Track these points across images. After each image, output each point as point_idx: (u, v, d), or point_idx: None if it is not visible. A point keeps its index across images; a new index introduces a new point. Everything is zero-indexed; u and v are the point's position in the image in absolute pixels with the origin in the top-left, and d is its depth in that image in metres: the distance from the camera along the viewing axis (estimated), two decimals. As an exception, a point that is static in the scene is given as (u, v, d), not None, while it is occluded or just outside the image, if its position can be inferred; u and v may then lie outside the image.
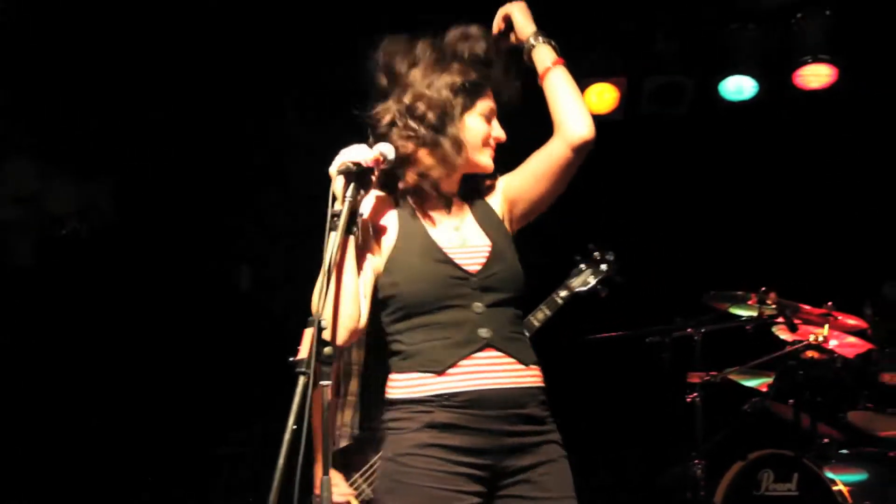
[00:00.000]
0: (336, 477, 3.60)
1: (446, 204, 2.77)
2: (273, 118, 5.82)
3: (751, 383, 5.07)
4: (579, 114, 2.72)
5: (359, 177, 2.53)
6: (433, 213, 2.75)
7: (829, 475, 4.26)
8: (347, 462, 3.68)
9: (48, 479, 5.35)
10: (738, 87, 6.20)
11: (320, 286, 2.44)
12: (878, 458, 4.49)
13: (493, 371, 2.60)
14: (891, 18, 5.64)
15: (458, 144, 2.68)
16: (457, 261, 2.67)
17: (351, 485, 3.61)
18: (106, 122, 5.52)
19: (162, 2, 5.10)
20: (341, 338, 2.56)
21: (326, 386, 2.46)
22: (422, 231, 2.72)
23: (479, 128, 2.74)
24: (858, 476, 4.36)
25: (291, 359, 2.41)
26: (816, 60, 5.93)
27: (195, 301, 5.79)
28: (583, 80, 6.36)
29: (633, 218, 5.94)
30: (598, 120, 6.35)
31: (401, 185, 2.76)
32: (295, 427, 2.30)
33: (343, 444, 3.75)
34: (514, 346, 2.65)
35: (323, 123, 5.76)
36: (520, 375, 2.63)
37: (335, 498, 3.60)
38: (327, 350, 2.44)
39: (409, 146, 2.68)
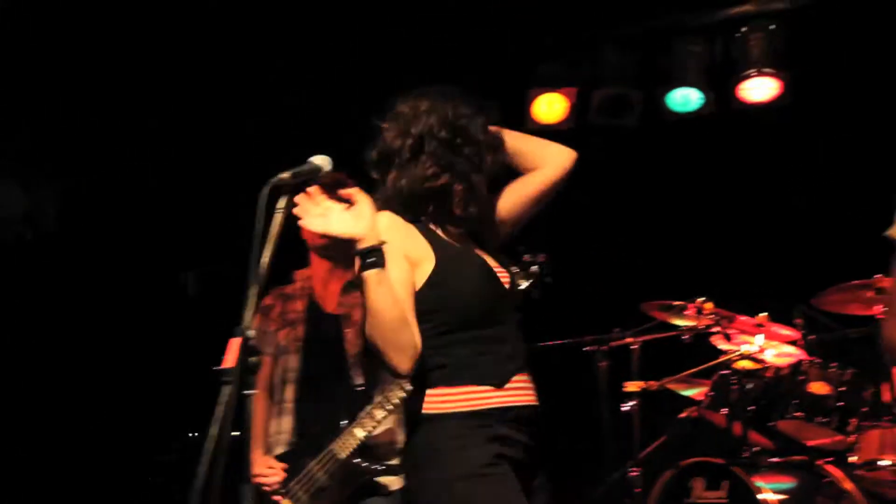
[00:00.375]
0: (272, 461, 3.69)
1: (460, 227, 2.86)
2: (225, 118, 5.83)
3: (687, 392, 5.14)
4: (552, 144, 3.01)
5: (294, 189, 2.58)
6: (454, 235, 2.83)
7: (758, 483, 4.32)
8: (289, 466, 3.70)
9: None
10: (685, 99, 6.30)
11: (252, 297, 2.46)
12: (805, 466, 4.56)
13: (530, 388, 2.74)
14: (834, 32, 5.73)
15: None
16: (500, 278, 2.79)
17: (288, 492, 3.64)
18: (52, 125, 5.51)
19: (101, 8, 5.12)
20: (408, 366, 2.58)
21: (251, 395, 2.49)
22: (461, 249, 2.80)
23: None
24: (786, 484, 4.43)
25: (217, 368, 2.45)
26: (761, 73, 6.03)
27: (141, 306, 5.79)
28: (533, 91, 6.45)
29: (576, 226, 5.99)
30: (548, 130, 6.45)
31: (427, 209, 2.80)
32: (238, 434, 2.34)
33: (279, 450, 3.78)
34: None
35: (272, 123, 5.83)
36: (536, 395, 2.76)
37: (270, 481, 3.65)
38: (253, 359, 2.48)
39: (444, 177, 2.75)
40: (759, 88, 6.09)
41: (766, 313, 4.70)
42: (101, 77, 5.44)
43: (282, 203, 2.49)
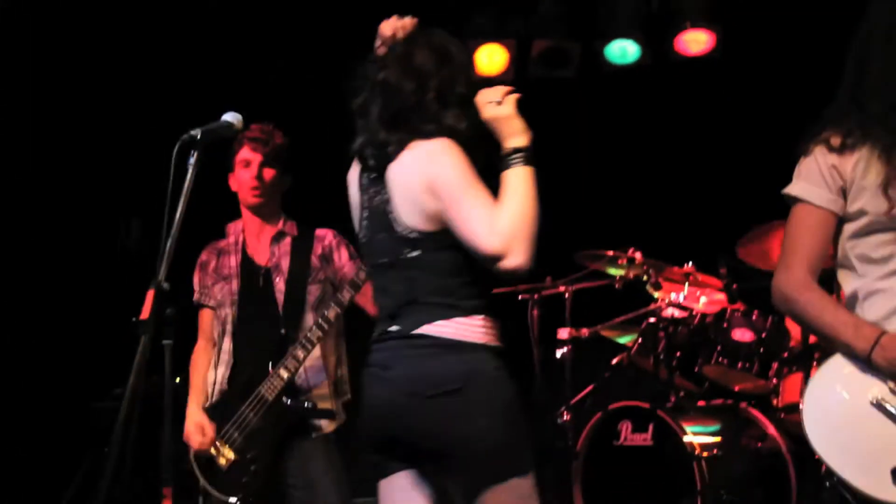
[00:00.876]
0: (207, 427, 3.75)
1: None
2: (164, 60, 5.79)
3: (619, 339, 5.29)
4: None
5: (206, 146, 2.63)
6: None
7: (683, 426, 4.47)
8: (219, 414, 3.79)
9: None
10: (623, 50, 6.38)
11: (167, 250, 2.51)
12: (729, 409, 4.73)
13: None
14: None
15: None
16: None
17: (223, 435, 3.73)
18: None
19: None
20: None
21: (168, 344, 2.57)
22: None
23: None
24: (710, 427, 4.59)
25: (135, 319, 2.51)
26: (695, 26, 6.13)
27: (80, 254, 5.79)
28: (472, 41, 6.50)
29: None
30: (489, 81, 6.48)
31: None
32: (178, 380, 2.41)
33: (216, 398, 3.87)
34: None
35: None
36: None
37: (198, 445, 3.73)
38: (169, 311, 2.55)
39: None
40: (694, 41, 6.20)
41: (692, 263, 4.84)
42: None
43: (193, 158, 2.55)
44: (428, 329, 2.62)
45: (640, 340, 4.99)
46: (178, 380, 4.01)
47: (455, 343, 2.60)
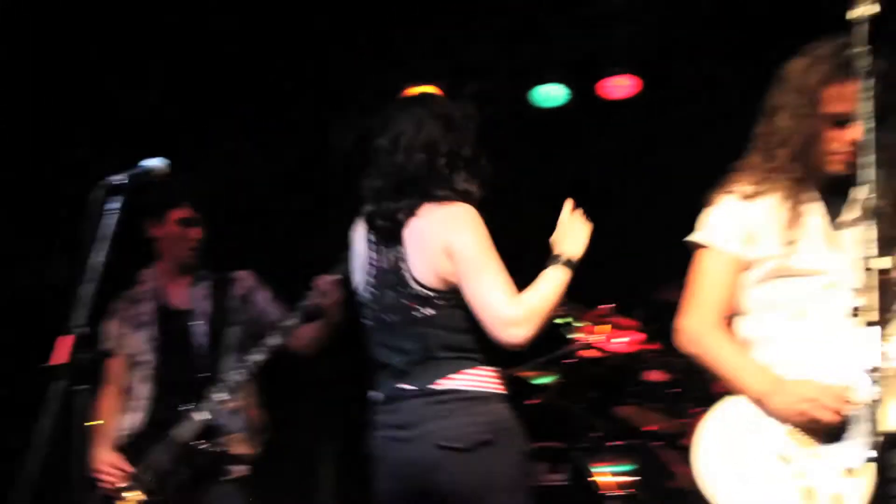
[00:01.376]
0: (120, 464, 3.76)
1: None
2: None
3: (537, 381, 5.35)
4: None
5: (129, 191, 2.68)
6: None
7: (597, 467, 4.56)
8: (131, 455, 3.80)
9: None
10: (549, 94, 6.53)
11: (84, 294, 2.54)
12: (641, 449, 4.83)
13: None
14: (689, 34, 5.99)
15: None
16: None
17: (134, 476, 3.73)
18: None
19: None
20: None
21: (83, 390, 2.60)
22: None
23: None
24: (623, 467, 4.69)
25: (44, 365, 2.53)
26: (621, 72, 6.29)
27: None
28: (403, 85, 6.59)
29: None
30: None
31: None
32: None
33: (124, 442, 3.87)
34: None
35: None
36: None
37: (110, 479, 3.74)
38: (85, 356, 2.58)
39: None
40: (620, 86, 6.36)
41: (611, 304, 4.95)
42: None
43: (115, 204, 2.59)
44: (450, 383, 2.74)
45: (556, 381, 5.08)
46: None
47: (480, 395, 2.75)
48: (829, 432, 2.48)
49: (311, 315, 3.75)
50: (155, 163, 2.75)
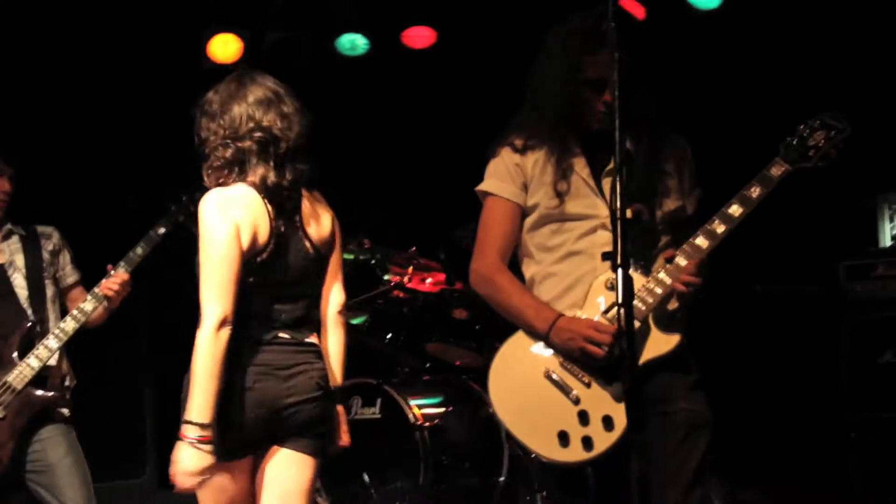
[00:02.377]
0: None
1: None
2: None
3: (353, 321, 5.60)
4: None
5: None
6: None
7: (408, 400, 4.85)
8: None
9: None
10: (353, 42, 6.69)
11: None
12: (451, 382, 5.15)
13: None
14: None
15: None
16: None
17: None
18: None
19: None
20: None
21: None
22: None
23: None
24: (432, 399, 4.99)
25: None
26: (419, 24, 6.52)
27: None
28: (207, 31, 6.61)
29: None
30: (223, 69, 6.55)
31: None
32: None
33: None
34: None
35: None
36: None
37: None
38: None
39: None
40: (419, 36, 6.59)
41: (414, 247, 5.22)
42: None
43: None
44: None
45: (370, 321, 5.33)
46: None
47: None
48: (599, 364, 2.78)
49: (100, 301, 3.96)
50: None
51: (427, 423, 4.82)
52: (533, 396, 2.83)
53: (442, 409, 4.97)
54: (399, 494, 4.78)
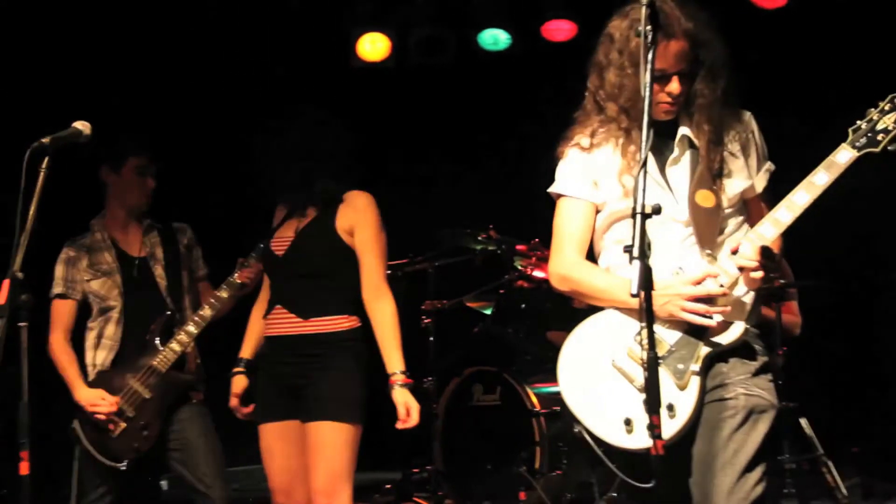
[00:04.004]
0: (103, 392, 4.13)
1: None
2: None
3: (485, 310, 5.75)
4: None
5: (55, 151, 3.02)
6: None
7: (526, 388, 4.97)
8: (106, 389, 4.15)
9: None
10: (494, 38, 6.83)
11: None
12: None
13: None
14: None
15: None
16: None
17: (120, 406, 4.10)
18: None
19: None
20: None
21: (24, 326, 2.98)
22: None
23: None
24: (550, 388, 5.09)
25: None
26: (558, 17, 6.60)
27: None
28: (356, 30, 6.91)
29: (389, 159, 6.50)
30: (373, 68, 6.77)
31: None
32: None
33: (93, 378, 4.25)
34: None
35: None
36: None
37: (104, 409, 4.09)
38: (24, 297, 2.96)
39: None
40: (560, 29, 6.67)
41: (537, 239, 5.32)
42: None
43: (44, 164, 2.95)
44: None
45: (495, 310, 5.47)
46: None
47: None
48: (690, 329, 2.76)
49: (235, 289, 4.13)
50: (78, 125, 3.09)
51: (544, 410, 4.92)
52: (600, 383, 2.87)
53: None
54: (517, 479, 4.90)
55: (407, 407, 3.61)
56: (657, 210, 2.42)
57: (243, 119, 6.30)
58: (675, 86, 2.81)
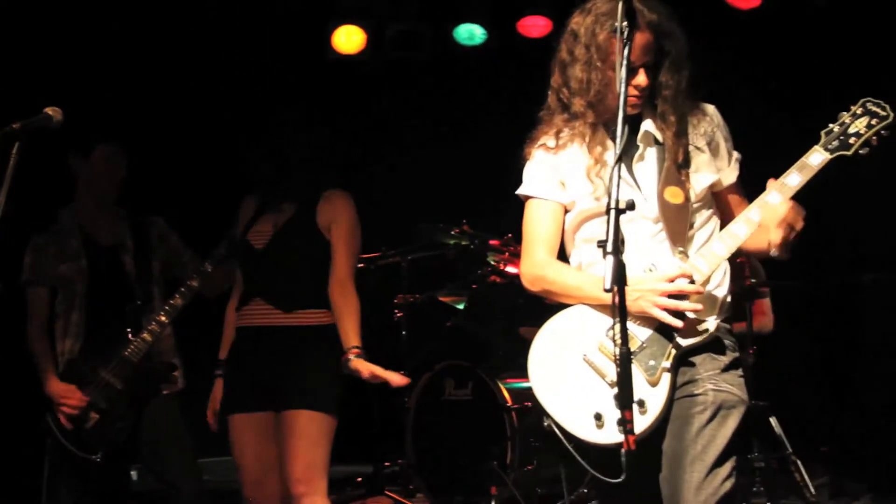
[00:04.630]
0: (74, 391, 4.10)
1: None
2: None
3: (458, 304, 5.75)
4: None
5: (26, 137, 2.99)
6: None
7: (498, 383, 4.97)
8: (77, 380, 4.13)
9: None
10: (470, 33, 6.84)
11: None
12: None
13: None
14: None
15: None
16: None
17: (90, 399, 4.08)
18: None
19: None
20: None
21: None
22: None
23: None
24: (520, 384, 5.09)
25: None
26: (535, 13, 6.61)
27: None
28: (332, 22, 6.88)
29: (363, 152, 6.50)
30: (347, 60, 6.73)
31: None
32: None
33: (63, 367, 4.22)
34: None
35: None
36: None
37: (75, 403, 4.07)
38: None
39: None
40: (535, 26, 6.68)
41: (510, 234, 5.32)
42: None
43: (14, 149, 2.92)
44: None
45: (467, 304, 5.47)
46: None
47: None
48: (658, 327, 2.76)
49: (220, 261, 4.09)
50: (49, 111, 3.06)
51: (516, 405, 4.92)
52: (570, 378, 2.86)
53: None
54: (489, 473, 4.90)
55: (371, 371, 3.57)
56: (631, 206, 2.42)
57: (220, 111, 6.40)
58: (641, 78, 2.81)
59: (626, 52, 2.45)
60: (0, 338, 4.80)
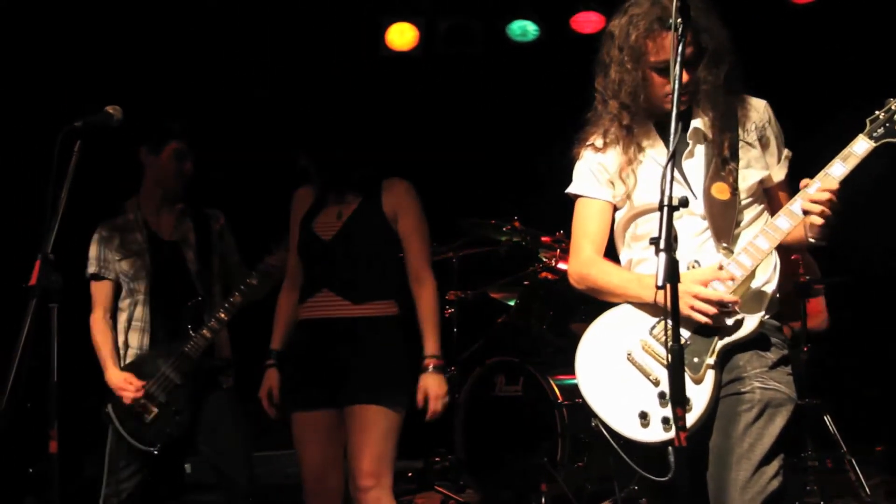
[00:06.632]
0: (131, 377, 4.16)
1: None
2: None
3: (509, 301, 5.76)
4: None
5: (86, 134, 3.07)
6: None
7: (549, 379, 4.97)
8: (137, 373, 4.19)
9: None
10: (523, 29, 6.83)
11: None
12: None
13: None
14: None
15: None
16: None
17: (146, 390, 4.14)
18: None
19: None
20: None
21: (54, 307, 3.03)
22: None
23: None
24: (574, 380, 5.05)
25: (24, 285, 2.95)
26: (587, 9, 6.59)
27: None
28: (385, 19, 6.92)
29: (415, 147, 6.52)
30: (401, 57, 6.77)
31: None
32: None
33: (128, 360, 4.30)
34: None
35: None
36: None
37: (132, 395, 4.14)
38: (54, 278, 3.01)
39: None
40: (588, 21, 6.66)
41: (561, 231, 5.32)
42: None
43: (76, 146, 3.00)
44: None
45: (518, 300, 5.47)
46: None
47: None
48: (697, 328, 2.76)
49: (266, 276, 4.18)
50: (110, 109, 3.13)
51: (567, 402, 4.92)
52: (615, 377, 2.88)
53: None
54: (539, 470, 4.91)
55: (426, 394, 3.61)
56: (684, 203, 2.42)
57: (275, 110, 6.46)
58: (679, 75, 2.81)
59: (679, 48, 2.44)
60: (63, 329, 4.86)
